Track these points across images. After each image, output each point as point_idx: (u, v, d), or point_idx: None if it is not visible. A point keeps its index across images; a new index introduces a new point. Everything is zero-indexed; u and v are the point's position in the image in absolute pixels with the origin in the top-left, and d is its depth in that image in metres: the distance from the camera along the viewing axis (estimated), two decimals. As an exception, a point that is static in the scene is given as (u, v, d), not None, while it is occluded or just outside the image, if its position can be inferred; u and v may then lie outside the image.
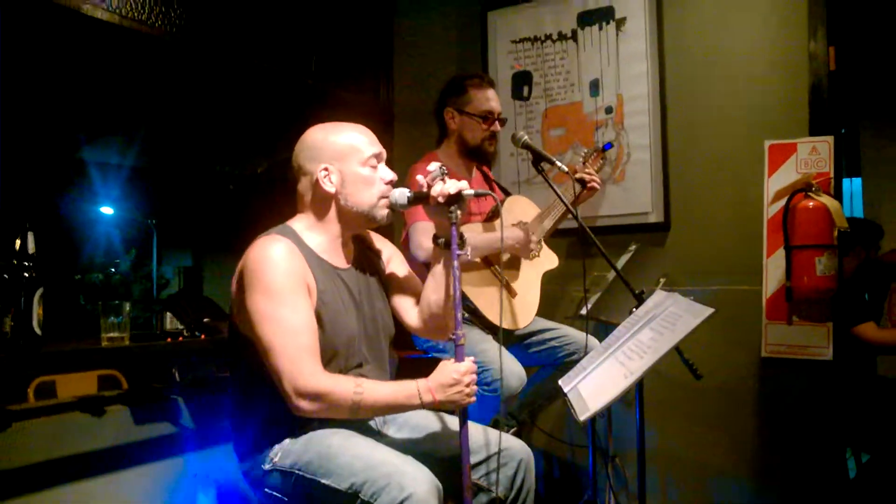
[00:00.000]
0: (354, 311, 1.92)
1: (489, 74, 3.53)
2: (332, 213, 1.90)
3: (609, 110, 3.30)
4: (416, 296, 2.05)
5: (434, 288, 1.95)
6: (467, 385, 1.76)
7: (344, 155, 1.87)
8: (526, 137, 2.65)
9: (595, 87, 3.34)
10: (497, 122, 2.81)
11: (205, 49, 2.90)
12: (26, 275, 1.98)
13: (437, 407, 1.78)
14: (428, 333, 2.05)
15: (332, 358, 1.85)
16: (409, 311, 2.05)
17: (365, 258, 2.04)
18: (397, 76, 3.92)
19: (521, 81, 3.53)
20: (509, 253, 2.73)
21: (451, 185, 1.80)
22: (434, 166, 1.83)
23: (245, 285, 1.78)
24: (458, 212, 1.80)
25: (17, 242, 1.99)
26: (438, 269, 1.93)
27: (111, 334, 2.29)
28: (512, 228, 2.72)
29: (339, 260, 1.94)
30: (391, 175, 1.92)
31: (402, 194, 1.89)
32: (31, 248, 2.00)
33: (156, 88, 3.72)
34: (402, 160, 3.38)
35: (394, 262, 2.11)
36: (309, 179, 1.89)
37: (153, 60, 3.01)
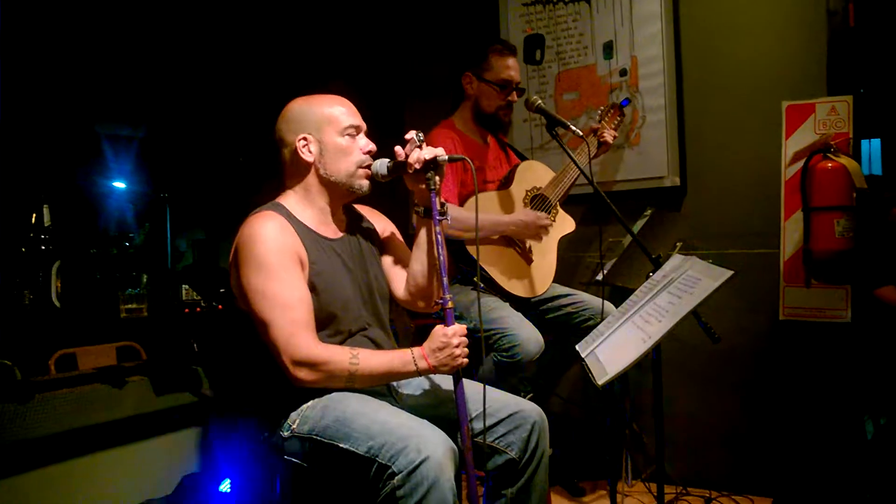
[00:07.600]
0: (348, 278, 1.95)
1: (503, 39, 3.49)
2: (315, 183, 1.93)
3: (623, 73, 3.25)
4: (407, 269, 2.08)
5: (418, 258, 1.98)
6: (457, 346, 1.78)
7: (322, 125, 1.90)
8: (540, 102, 2.62)
9: (609, 49, 3.28)
10: (515, 92, 2.79)
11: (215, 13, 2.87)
12: (43, 247, 1.99)
13: (432, 372, 1.80)
14: (416, 304, 2.06)
15: (333, 323, 1.88)
16: (400, 283, 2.08)
17: (358, 229, 2.06)
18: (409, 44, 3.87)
19: (534, 45, 3.47)
20: (515, 237, 2.70)
21: (427, 152, 1.83)
22: (411, 134, 1.84)
23: (238, 263, 1.81)
24: (437, 178, 1.83)
25: (34, 216, 2.00)
26: (421, 239, 1.96)
27: (129, 306, 2.32)
28: (520, 213, 2.69)
29: (329, 231, 1.97)
30: (371, 146, 1.94)
31: (382, 164, 1.91)
32: (46, 220, 2.01)
33: (166, 57, 3.70)
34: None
35: (388, 235, 2.14)
36: (289, 150, 1.92)
37: (164, 26, 2.98)
